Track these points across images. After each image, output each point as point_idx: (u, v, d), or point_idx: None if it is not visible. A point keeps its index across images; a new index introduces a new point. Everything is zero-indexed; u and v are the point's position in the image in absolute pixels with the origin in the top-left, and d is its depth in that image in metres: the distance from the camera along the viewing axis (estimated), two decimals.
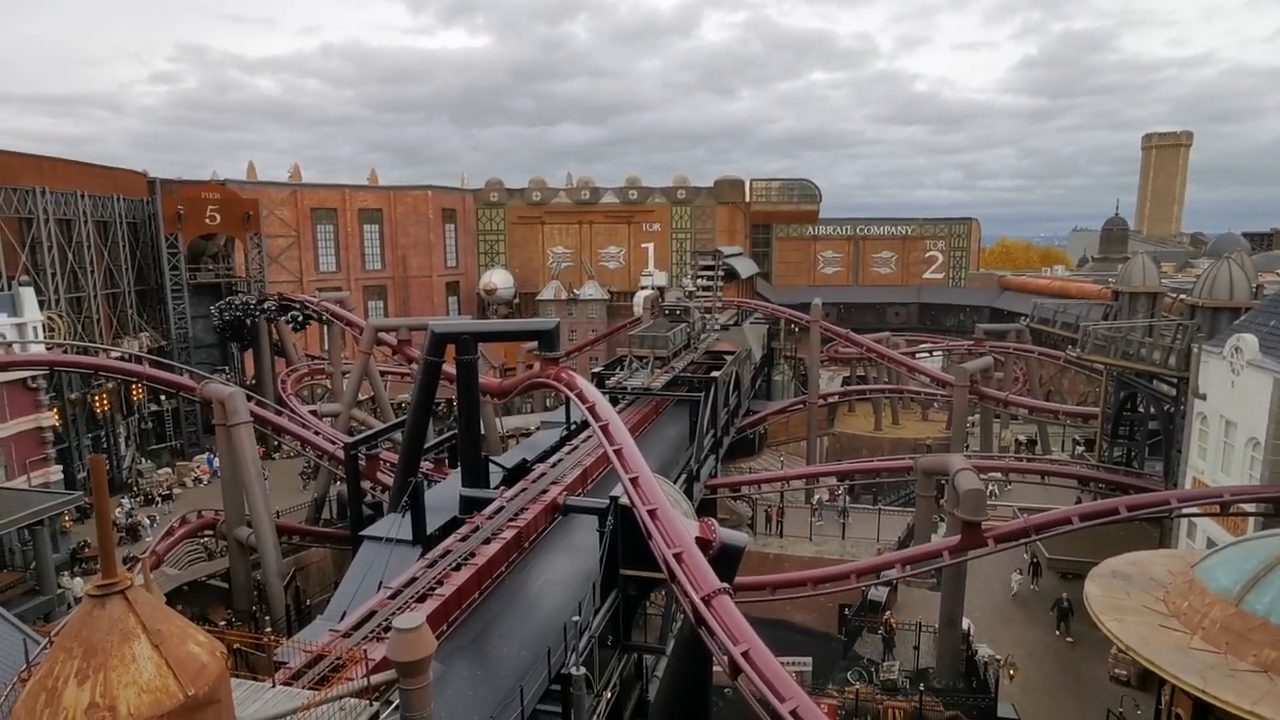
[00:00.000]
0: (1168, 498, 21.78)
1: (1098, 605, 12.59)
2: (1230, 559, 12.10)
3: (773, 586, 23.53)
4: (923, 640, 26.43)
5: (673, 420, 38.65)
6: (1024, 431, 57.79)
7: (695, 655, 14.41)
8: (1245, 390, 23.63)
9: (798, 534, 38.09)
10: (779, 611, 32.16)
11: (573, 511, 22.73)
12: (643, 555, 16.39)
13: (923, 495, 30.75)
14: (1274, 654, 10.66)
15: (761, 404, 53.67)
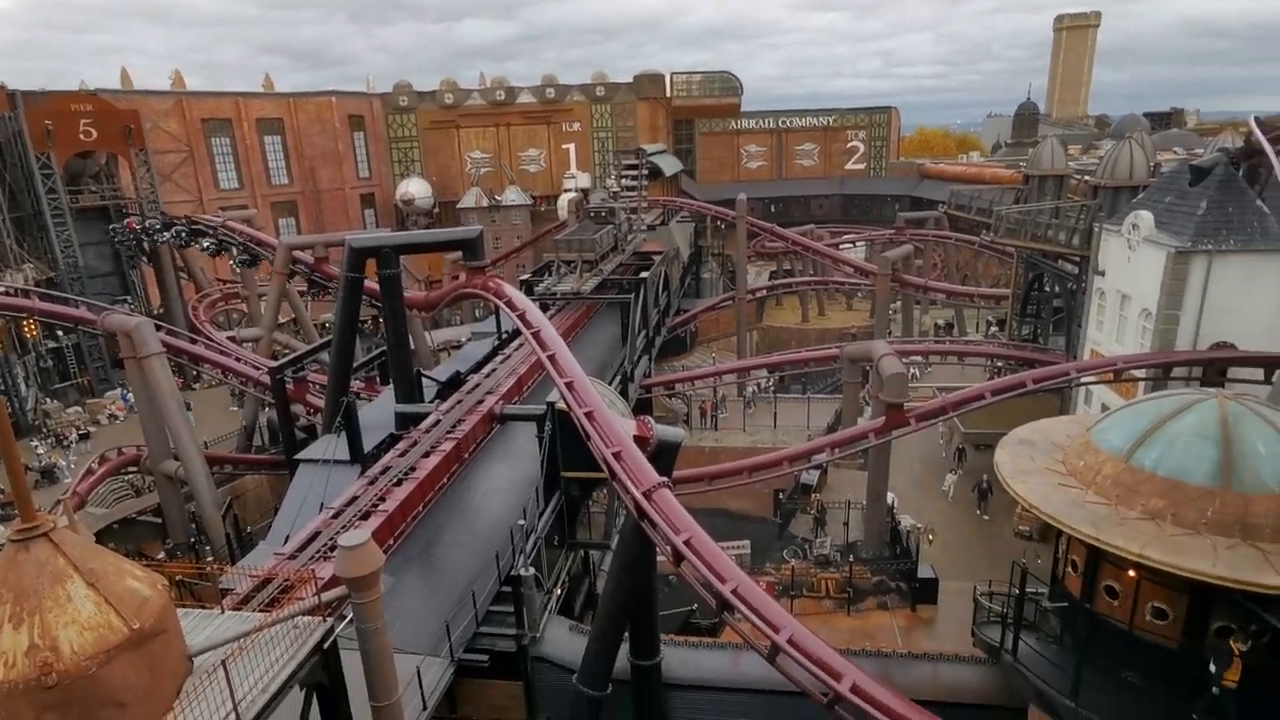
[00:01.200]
0: (1069, 369, 23.33)
1: (1006, 470, 13.63)
2: (1121, 421, 13.17)
3: (710, 477, 24.47)
4: (851, 516, 28.22)
5: (604, 323, 38.73)
6: (942, 315, 60.32)
7: (639, 547, 15.04)
8: (1140, 264, 25.10)
9: (732, 426, 39.49)
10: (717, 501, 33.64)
11: (510, 419, 22.88)
12: (582, 457, 16.72)
13: (849, 382, 32.07)
14: (1160, 503, 11.82)
15: (691, 302, 54.20)
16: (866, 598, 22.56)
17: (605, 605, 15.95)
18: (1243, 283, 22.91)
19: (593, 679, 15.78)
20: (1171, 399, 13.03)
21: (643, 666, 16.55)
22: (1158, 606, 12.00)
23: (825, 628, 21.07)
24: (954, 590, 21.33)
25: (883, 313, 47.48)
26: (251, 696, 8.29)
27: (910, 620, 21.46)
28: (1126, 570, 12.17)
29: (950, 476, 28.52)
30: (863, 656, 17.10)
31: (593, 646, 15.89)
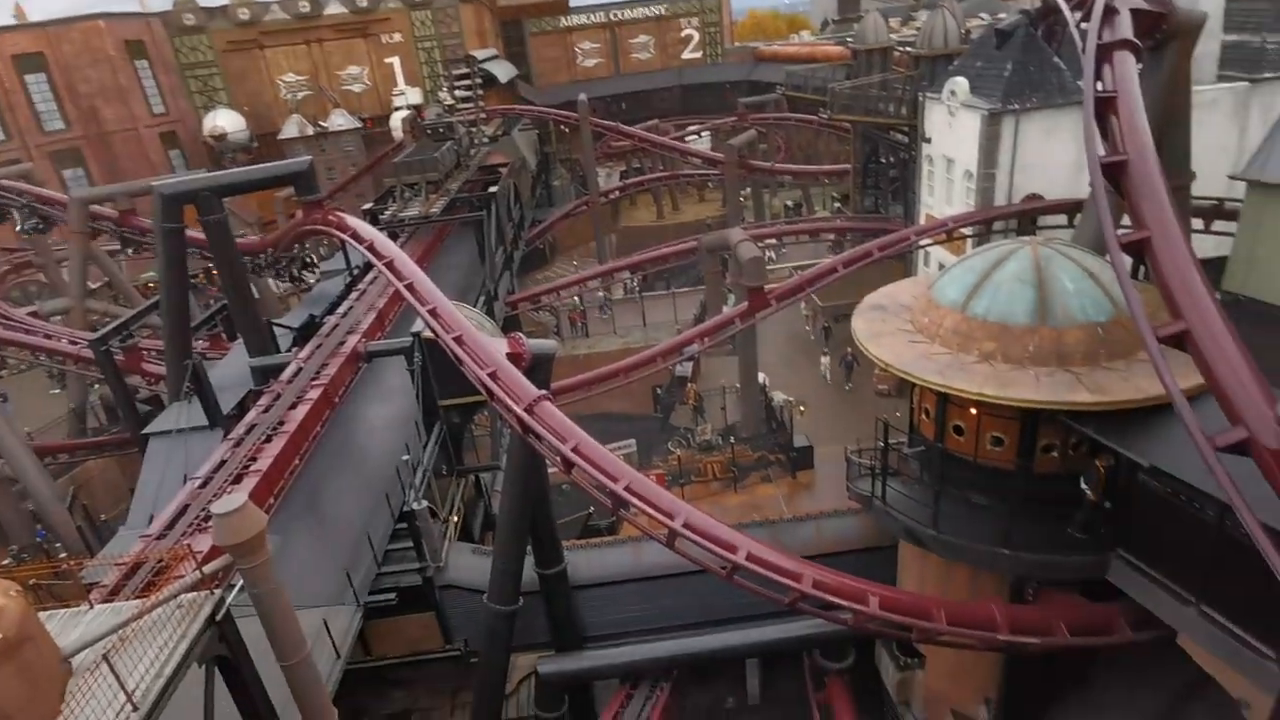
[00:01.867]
0: (908, 234, 24.98)
1: (862, 335, 14.66)
2: (956, 276, 14.37)
3: (588, 384, 24.81)
4: (727, 400, 29.67)
5: (459, 245, 37.37)
6: (791, 197, 62.44)
7: (528, 462, 15.20)
8: (960, 128, 26.83)
9: (602, 331, 39.87)
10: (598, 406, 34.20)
11: (377, 356, 21.98)
12: (457, 382, 16.44)
13: (710, 272, 32.93)
14: (991, 345, 13.15)
15: (545, 212, 53.09)
16: (750, 474, 24.06)
17: (503, 524, 16.16)
18: (1044, 138, 25.04)
19: (502, 596, 16.13)
20: (994, 251, 14.29)
21: (548, 575, 17.05)
22: (996, 435, 13.56)
23: (716, 507, 22.42)
24: (828, 454, 23.12)
25: (734, 200, 48.55)
26: (146, 684, 7.90)
27: (792, 487, 23.18)
28: (969, 409, 13.60)
29: (824, 359, 30.12)
30: (753, 526, 18.41)
31: (497, 565, 16.16)
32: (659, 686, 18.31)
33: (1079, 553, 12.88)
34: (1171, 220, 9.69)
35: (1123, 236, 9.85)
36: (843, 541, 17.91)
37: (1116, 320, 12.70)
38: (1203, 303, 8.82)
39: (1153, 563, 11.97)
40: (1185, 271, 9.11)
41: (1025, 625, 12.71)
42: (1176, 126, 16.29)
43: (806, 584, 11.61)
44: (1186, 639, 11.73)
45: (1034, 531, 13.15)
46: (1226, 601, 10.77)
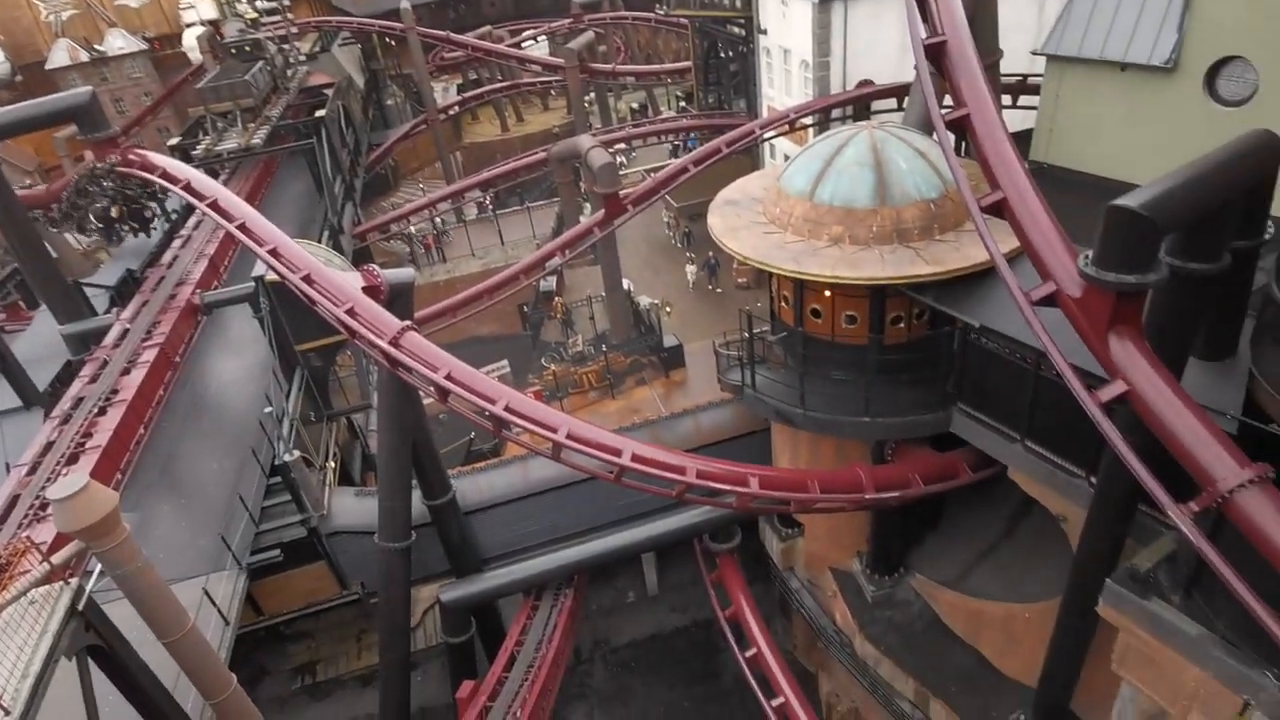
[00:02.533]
0: (753, 128, 25.31)
1: (718, 231, 15.00)
2: (802, 165, 14.85)
3: (453, 309, 24.11)
4: (595, 310, 29.78)
5: (291, 177, 34.45)
6: (635, 99, 61.47)
7: (401, 396, 14.77)
8: (793, 19, 27.11)
9: (460, 254, 38.54)
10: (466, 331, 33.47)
11: (217, 307, 20.32)
12: (313, 324, 15.58)
13: (563, 182, 32.22)
14: (839, 229, 13.84)
15: (382, 135, 49.49)
16: (626, 379, 24.56)
17: (383, 462, 15.77)
18: (872, 24, 25.79)
19: (393, 533, 15.94)
20: (834, 138, 14.84)
21: (438, 505, 16.97)
22: (850, 314, 14.50)
23: (597, 415, 22.86)
24: (697, 351, 23.91)
25: (579, 107, 47.27)
26: (12, 689, 7.33)
27: (667, 386, 23.92)
28: (823, 292, 14.40)
29: (689, 267, 30.17)
30: (635, 428, 18.99)
31: (384, 504, 15.87)
32: (562, 593, 18.98)
33: (927, 411, 14.25)
34: (987, 97, 10.37)
35: (946, 115, 10.47)
36: (720, 431, 18.86)
37: (946, 195, 13.68)
38: (1016, 173, 9.62)
39: (986, 411, 13.47)
40: (1000, 145, 9.85)
41: (887, 482, 14.07)
42: (985, 7, 17.24)
43: (690, 475, 12.21)
44: (1015, 472, 13.43)
45: (889, 397, 14.37)
46: (1045, 436, 12.38)
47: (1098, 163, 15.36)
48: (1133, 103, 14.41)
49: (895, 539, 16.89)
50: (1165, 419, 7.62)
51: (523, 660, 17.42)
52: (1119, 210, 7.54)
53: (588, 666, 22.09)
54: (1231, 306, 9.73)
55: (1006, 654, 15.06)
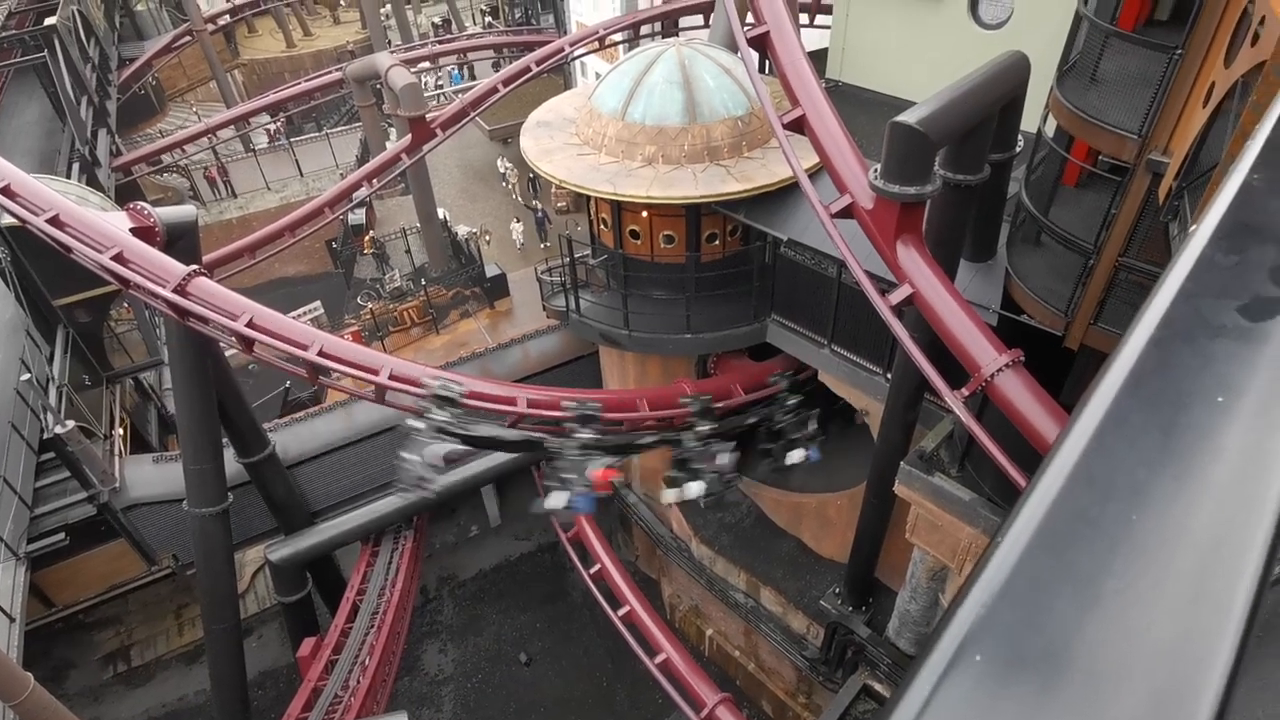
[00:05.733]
0: (562, 45, 24.51)
1: (532, 154, 14.57)
2: (612, 83, 14.65)
3: (250, 249, 21.86)
4: (410, 243, 28.28)
5: (24, 101, 29.17)
6: (437, 12, 57.33)
7: (197, 349, 13.36)
8: None
9: (253, 188, 34.84)
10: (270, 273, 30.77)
11: None
12: (74, 275, 13.57)
13: (363, 106, 29.70)
14: (652, 148, 13.91)
15: (135, 47, 42.65)
16: (449, 312, 23.73)
17: (184, 423, 14.32)
18: None
19: (205, 498, 14.68)
20: (643, 55, 14.72)
21: (255, 462, 15.81)
22: (667, 234, 14.80)
23: (421, 353, 22.03)
24: (521, 278, 23.51)
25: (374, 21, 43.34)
26: None
27: (493, 317, 23.42)
28: (640, 213, 14.55)
29: (515, 224, 28.22)
30: (461, 363, 18.54)
31: (190, 468, 14.51)
32: (402, 536, 18.57)
33: (745, 324, 15.05)
34: (784, 16, 10.67)
35: (747, 33, 10.68)
36: (549, 358, 18.88)
37: (752, 112, 14.11)
38: (813, 91, 10.07)
39: (796, 320, 14.46)
40: (798, 63, 10.24)
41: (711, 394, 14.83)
42: None
43: (521, 405, 12.17)
44: (825, 374, 14.65)
45: (708, 314, 15.00)
46: (848, 339, 13.56)
47: (884, 81, 16.45)
48: (910, 24, 15.46)
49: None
50: (942, 316, 8.55)
51: (366, 608, 17.01)
52: (899, 127, 8.14)
53: (436, 604, 22.02)
54: (990, 213, 10.97)
55: (823, 539, 16.77)
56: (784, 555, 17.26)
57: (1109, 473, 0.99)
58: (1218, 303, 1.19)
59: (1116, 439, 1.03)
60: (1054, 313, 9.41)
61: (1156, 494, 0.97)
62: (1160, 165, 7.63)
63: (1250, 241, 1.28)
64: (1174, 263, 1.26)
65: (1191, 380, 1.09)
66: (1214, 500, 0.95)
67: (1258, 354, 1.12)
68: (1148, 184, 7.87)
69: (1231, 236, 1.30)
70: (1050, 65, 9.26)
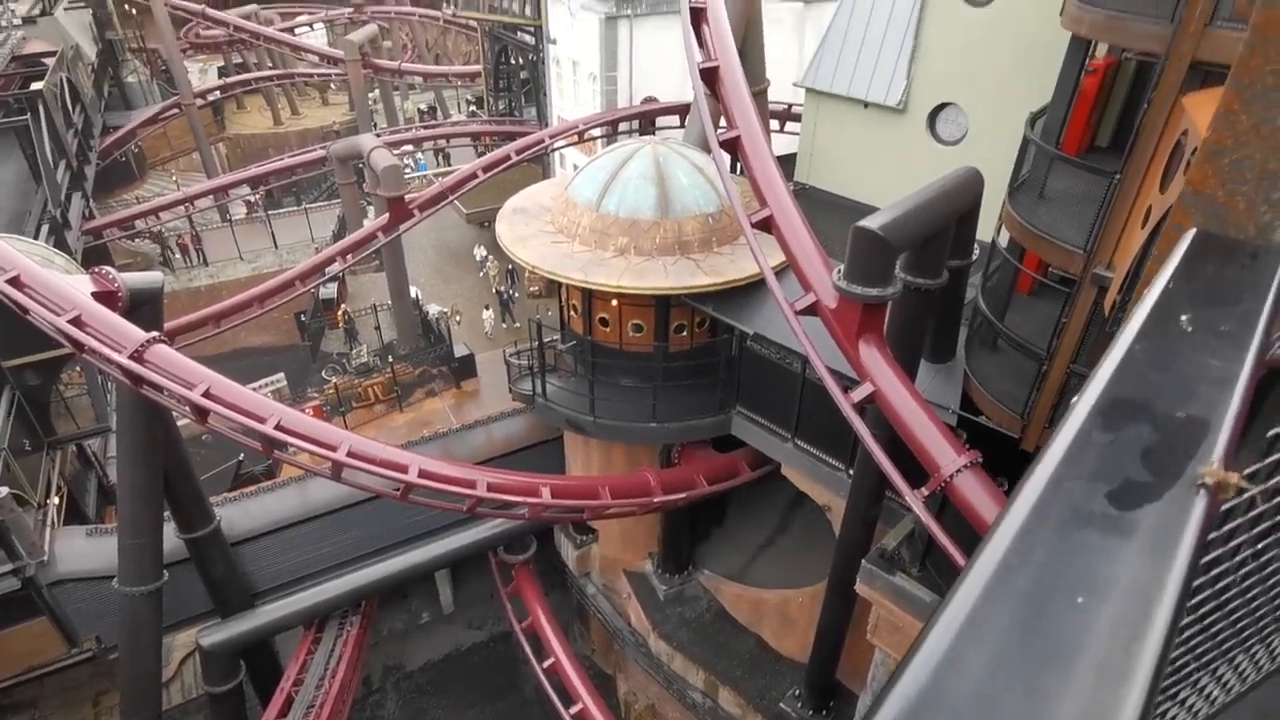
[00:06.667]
0: (543, 136, 25.40)
1: (507, 240, 14.84)
2: (589, 176, 15.13)
3: (215, 318, 21.64)
4: (380, 319, 28.22)
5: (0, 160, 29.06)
6: (424, 100, 59.31)
7: (148, 417, 12.96)
8: (582, 31, 27.64)
9: (226, 257, 34.79)
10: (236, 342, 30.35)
11: None
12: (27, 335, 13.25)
13: (344, 183, 30.26)
14: (624, 239, 14.26)
15: (121, 115, 43.25)
16: (414, 390, 23.46)
17: (125, 494, 13.73)
18: (656, 43, 27.01)
19: (137, 575, 13.92)
20: (620, 151, 15.30)
21: (197, 538, 15.11)
22: (636, 323, 14.99)
23: (384, 430, 21.62)
24: (489, 360, 23.46)
25: (362, 104, 44.77)
26: None
27: (459, 396, 23.19)
28: (611, 301, 14.76)
29: (487, 314, 27.76)
30: (423, 443, 18.21)
31: (126, 542, 13.81)
32: (348, 621, 17.73)
33: (710, 415, 15.09)
34: (755, 121, 11.24)
35: (720, 135, 11.20)
36: (513, 441, 18.64)
37: (723, 210, 14.61)
38: (781, 192, 10.51)
39: (761, 413, 14.56)
40: (767, 166, 10.72)
41: (675, 485, 14.71)
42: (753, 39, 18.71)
43: (481, 489, 11.94)
44: (788, 468, 14.65)
45: (674, 403, 15.03)
46: (811, 434, 13.64)
47: (848, 185, 17.25)
48: (873, 135, 16.36)
49: (684, 538, 17.70)
50: (902, 415, 8.69)
51: (301, 700, 16.01)
52: (862, 231, 8.49)
53: (379, 696, 20.83)
54: (949, 316, 11.35)
55: (784, 637, 16.36)
56: (744, 653, 16.75)
57: (961, 686, 0.94)
58: (1090, 487, 1.15)
59: (975, 644, 0.99)
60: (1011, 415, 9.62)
61: (1007, 713, 0.91)
62: (1105, 279, 8.02)
63: (1127, 418, 1.26)
64: (1052, 440, 1.23)
65: (1055, 576, 1.05)
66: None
67: (1122, 547, 1.09)
68: (1094, 296, 8.24)
69: (1109, 412, 1.27)
70: (1002, 180, 9.82)
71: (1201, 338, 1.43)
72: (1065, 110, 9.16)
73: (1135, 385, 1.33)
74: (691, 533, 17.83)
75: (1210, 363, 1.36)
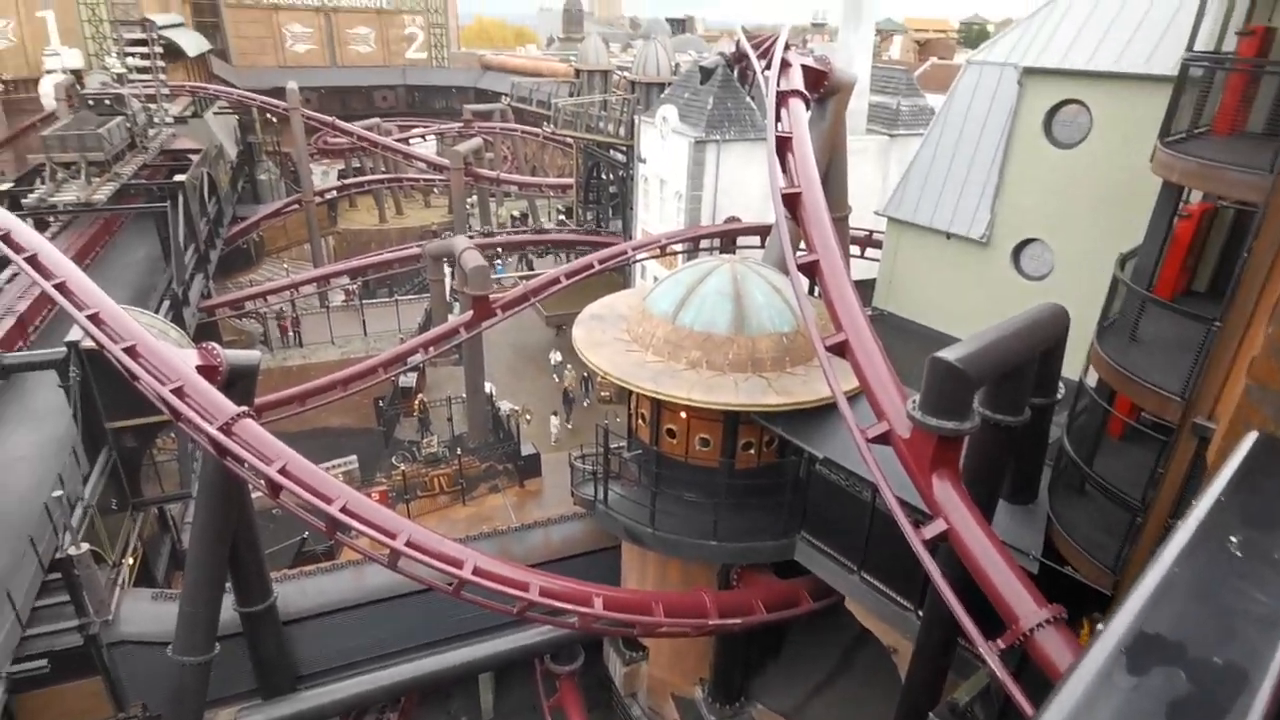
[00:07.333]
0: (626, 248, 26.44)
1: (582, 344, 15.22)
2: (667, 289, 15.54)
3: (301, 397, 22.66)
4: (454, 411, 28.94)
5: (136, 240, 32.07)
6: (517, 207, 62.89)
7: (227, 488, 13.45)
8: (671, 152, 29.14)
9: (319, 340, 36.76)
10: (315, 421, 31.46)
11: (17, 370, 18.04)
12: (131, 400, 14.14)
13: (434, 280, 31.96)
14: (697, 353, 14.42)
15: (250, 208, 47.54)
16: (479, 485, 23.69)
17: (194, 562, 14.09)
18: (741, 166, 28.17)
19: (191, 645, 14.06)
20: (700, 267, 15.72)
21: (253, 613, 15.22)
22: (703, 437, 14.89)
23: (444, 522, 21.75)
24: (555, 461, 23.59)
25: (460, 208, 47.77)
26: None
27: (521, 495, 23.26)
28: (679, 413, 14.77)
29: (553, 419, 28.14)
30: (481, 539, 18.17)
31: (187, 609, 14.05)
32: (385, 717, 17.28)
33: (772, 538, 14.60)
34: (834, 247, 11.43)
35: (799, 259, 11.40)
36: (570, 545, 18.38)
37: (797, 330, 14.66)
38: (857, 318, 10.52)
39: (827, 540, 13.98)
40: (844, 291, 10.80)
41: (731, 608, 14.10)
42: (837, 167, 19.31)
43: (534, 593, 11.73)
44: (852, 602, 13.87)
45: (737, 523, 14.64)
46: (879, 568, 12.96)
47: (928, 314, 17.11)
48: (955, 266, 16.32)
49: (738, 666, 16.77)
50: (977, 558, 8.19)
51: None
52: (939, 362, 8.33)
53: None
54: (1032, 455, 10.83)
55: None
56: None
57: None
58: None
59: None
60: (1100, 569, 8.95)
61: None
62: (1207, 430, 7.55)
63: (1157, 659, 1.09)
64: (1068, 678, 1.08)
65: None
66: None
67: None
68: (1194, 447, 7.75)
69: (1137, 651, 1.11)
70: (1090, 318, 9.55)
71: (1252, 565, 1.28)
72: (1158, 253, 8.97)
73: (1170, 619, 1.19)
74: (746, 661, 16.88)
75: (1257, 598, 1.21)
